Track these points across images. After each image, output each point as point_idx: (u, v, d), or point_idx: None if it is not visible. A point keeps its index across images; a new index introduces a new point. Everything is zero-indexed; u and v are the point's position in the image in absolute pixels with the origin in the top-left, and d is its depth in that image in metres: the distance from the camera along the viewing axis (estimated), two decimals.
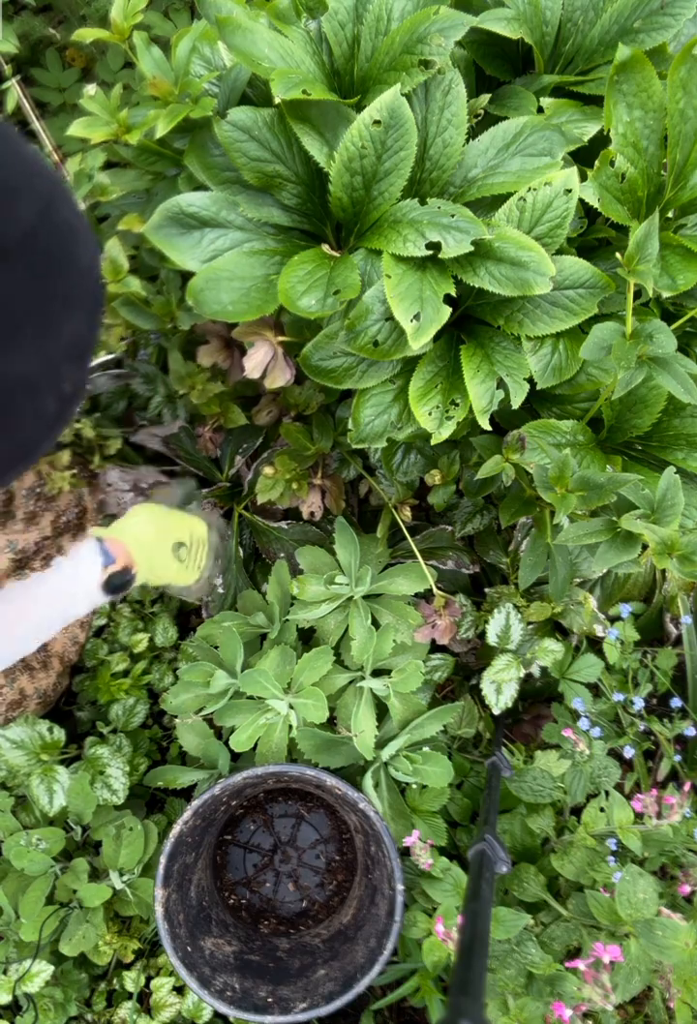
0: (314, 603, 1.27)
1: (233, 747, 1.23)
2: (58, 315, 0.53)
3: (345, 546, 1.29)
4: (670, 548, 0.94)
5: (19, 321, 0.49)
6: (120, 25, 1.00)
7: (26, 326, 0.50)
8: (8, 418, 0.50)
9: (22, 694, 1.34)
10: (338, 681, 1.28)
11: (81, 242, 0.55)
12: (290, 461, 1.28)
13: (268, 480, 1.28)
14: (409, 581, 1.29)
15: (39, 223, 0.51)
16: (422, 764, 1.25)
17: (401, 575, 1.30)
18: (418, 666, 1.25)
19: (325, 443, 1.29)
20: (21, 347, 0.50)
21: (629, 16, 1.03)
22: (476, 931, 0.82)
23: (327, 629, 1.30)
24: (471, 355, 0.98)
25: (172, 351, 1.26)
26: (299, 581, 1.27)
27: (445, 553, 1.36)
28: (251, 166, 0.96)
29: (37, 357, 0.51)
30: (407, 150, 0.93)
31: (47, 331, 0.52)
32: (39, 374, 0.52)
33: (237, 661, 1.26)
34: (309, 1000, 1.23)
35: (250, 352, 1.05)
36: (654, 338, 0.92)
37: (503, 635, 1.27)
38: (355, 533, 1.29)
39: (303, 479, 1.30)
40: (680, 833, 1.19)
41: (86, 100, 1.00)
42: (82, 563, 1.00)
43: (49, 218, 0.52)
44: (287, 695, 1.24)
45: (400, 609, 1.29)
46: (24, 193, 0.50)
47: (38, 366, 0.51)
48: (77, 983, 1.33)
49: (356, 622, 1.25)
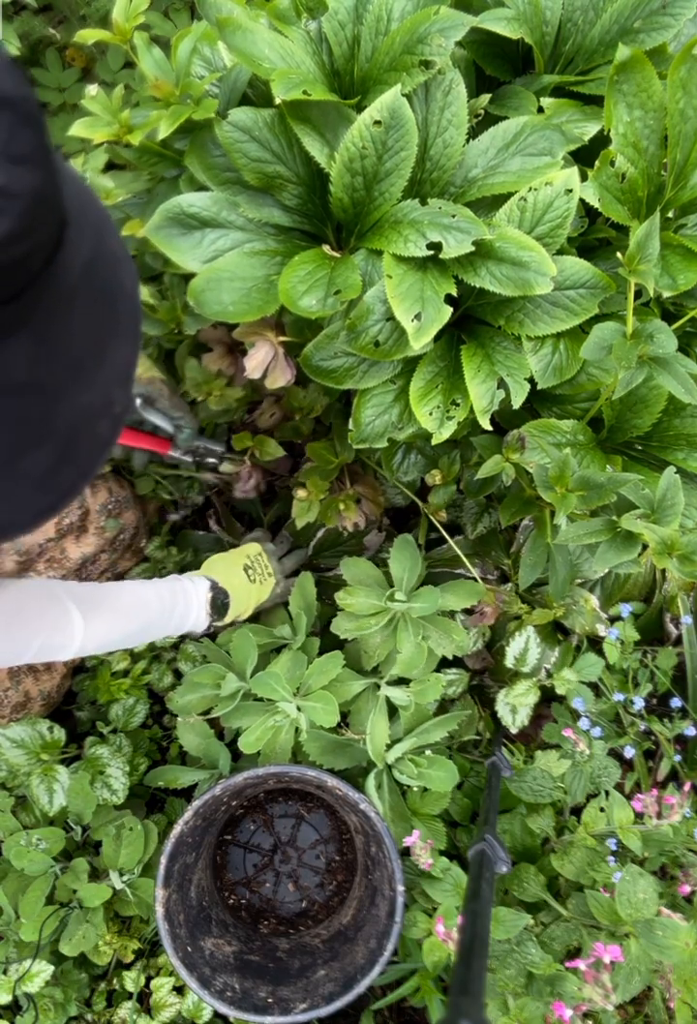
0: (364, 617, 1.24)
1: (242, 749, 1.22)
2: (110, 345, 0.54)
3: (402, 561, 1.25)
4: (670, 548, 0.94)
5: (82, 355, 0.50)
6: (122, 26, 0.99)
7: (87, 359, 0.51)
8: (72, 448, 0.52)
9: (27, 696, 1.34)
10: (354, 687, 1.27)
11: (125, 269, 0.56)
12: (321, 480, 1.26)
13: (303, 503, 1.27)
14: (457, 598, 1.27)
15: (94, 256, 0.51)
16: (426, 768, 1.24)
17: (450, 592, 1.28)
18: (439, 679, 1.25)
19: (348, 453, 1.28)
20: (84, 384, 0.51)
21: (629, 16, 1.03)
22: (476, 931, 0.82)
23: (373, 643, 1.28)
24: (472, 355, 0.98)
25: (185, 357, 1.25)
26: (347, 592, 1.24)
27: (472, 560, 1.35)
28: (252, 167, 0.96)
29: (95, 387, 0.52)
30: (408, 150, 0.93)
31: (102, 361, 0.53)
32: (98, 405, 0.53)
33: (249, 665, 1.26)
34: (309, 1000, 1.23)
35: (251, 352, 1.05)
36: (655, 338, 0.93)
37: (520, 658, 1.28)
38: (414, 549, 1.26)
39: (348, 499, 1.29)
40: (680, 833, 1.19)
41: (87, 100, 1.00)
42: (195, 582, 1.18)
43: (101, 249, 0.52)
44: (296, 698, 1.23)
45: (445, 625, 1.27)
46: (83, 225, 0.50)
47: (96, 395, 0.53)
48: (77, 983, 1.33)
49: (405, 637, 1.23)
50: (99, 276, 0.52)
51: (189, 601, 1.16)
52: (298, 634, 1.30)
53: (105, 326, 0.53)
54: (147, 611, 1.10)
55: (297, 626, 1.31)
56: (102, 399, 0.53)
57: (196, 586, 1.18)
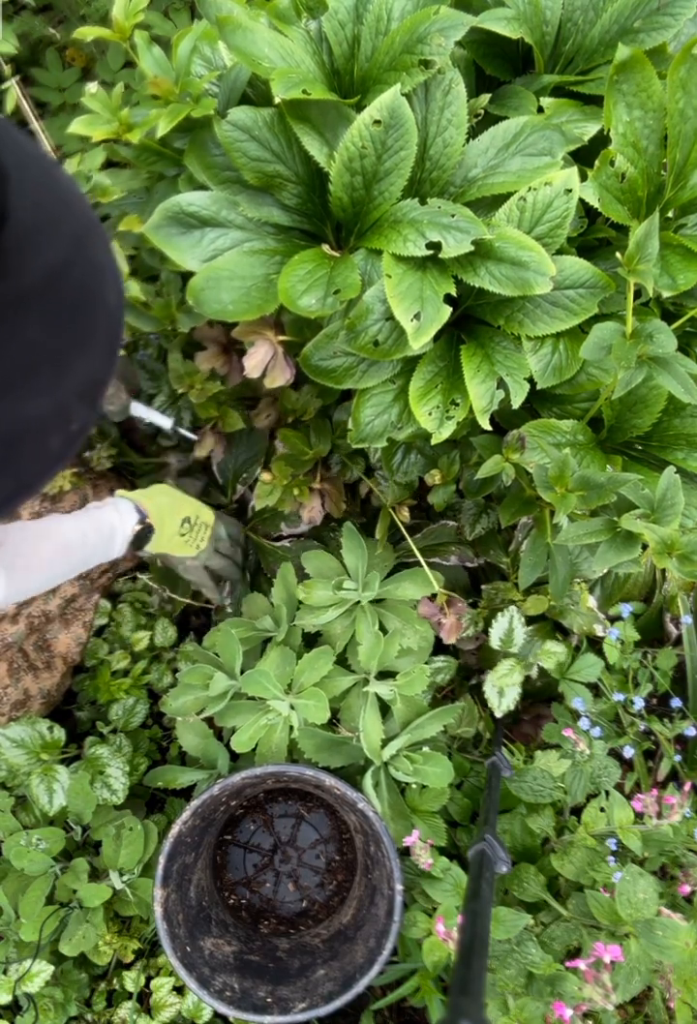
0: (321, 608, 1.26)
1: (234, 748, 1.22)
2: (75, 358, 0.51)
3: (352, 551, 1.27)
4: (670, 548, 0.94)
5: (33, 367, 0.48)
6: (122, 24, 0.99)
7: (41, 371, 0.49)
8: (11, 460, 0.49)
9: (26, 694, 1.34)
10: (343, 684, 1.28)
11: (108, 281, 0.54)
12: (287, 467, 1.27)
13: (266, 486, 1.28)
14: (415, 585, 1.29)
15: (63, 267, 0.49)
16: (422, 764, 1.24)
17: (407, 579, 1.29)
18: (424, 670, 1.25)
19: (323, 447, 1.29)
20: (34, 391, 0.49)
21: (629, 16, 1.03)
22: (476, 931, 0.82)
23: (334, 634, 1.30)
24: (471, 355, 0.98)
25: (172, 351, 1.26)
26: (305, 586, 1.26)
27: (447, 549, 1.36)
28: (251, 166, 0.96)
29: (49, 400, 0.50)
30: (407, 150, 0.93)
31: (61, 374, 0.50)
32: (49, 416, 0.50)
33: (236, 663, 1.26)
34: (308, 1000, 1.23)
35: (250, 351, 1.05)
36: (654, 338, 0.92)
37: (506, 638, 1.27)
38: (362, 538, 1.28)
39: (303, 484, 1.30)
40: (680, 833, 1.19)
41: (87, 98, 1.00)
42: (123, 513, 1.12)
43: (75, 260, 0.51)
44: (288, 696, 1.23)
45: (406, 613, 1.28)
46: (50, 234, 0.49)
47: (49, 409, 0.50)
48: (77, 983, 1.33)
49: (363, 627, 1.25)
50: (70, 286, 0.50)
51: (114, 536, 1.11)
52: (281, 625, 1.31)
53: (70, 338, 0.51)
54: (68, 557, 1.05)
55: (278, 617, 1.32)
56: (55, 412, 0.51)
57: (123, 518, 1.12)
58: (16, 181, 0.46)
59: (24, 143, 0.53)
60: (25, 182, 0.48)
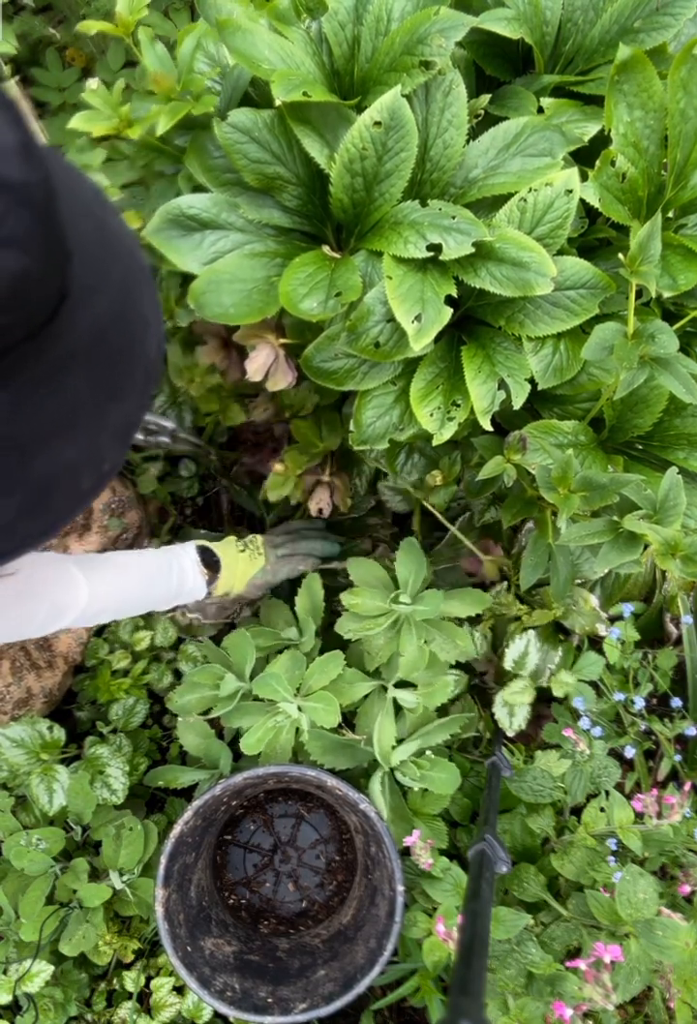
0: (369, 618, 1.24)
1: (244, 750, 1.22)
2: (112, 406, 0.52)
3: (408, 564, 1.25)
4: (673, 548, 0.94)
5: (73, 418, 0.49)
6: (125, 19, 0.99)
7: (80, 421, 0.50)
8: (45, 499, 0.51)
9: (29, 693, 1.34)
10: (362, 689, 1.27)
11: (151, 332, 0.55)
12: (300, 456, 1.27)
13: (279, 477, 1.27)
14: (464, 605, 1.27)
15: (110, 322, 0.50)
16: (429, 770, 1.24)
17: (457, 599, 1.28)
18: (446, 683, 1.25)
19: (333, 440, 1.29)
20: (71, 440, 0.50)
21: (629, 16, 1.03)
22: (476, 931, 0.82)
23: (376, 644, 1.27)
24: (472, 356, 0.98)
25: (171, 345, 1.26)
26: (353, 594, 1.24)
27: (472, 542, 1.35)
28: (252, 168, 0.96)
29: (84, 445, 0.51)
30: (408, 151, 0.93)
31: (98, 422, 0.51)
32: (83, 460, 0.52)
33: (247, 666, 1.26)
34: (309, 1000, 1.23)
35: (252, 355, 1.05)
36: (656, 338, 0.92)
37: (519, 661, 1.28)
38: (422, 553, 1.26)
39: (312, 476, 1.30)
40: (680, 833, 1.19)
41: (88, 94, 1.00)
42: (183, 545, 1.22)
43: (122, 312, 0.51)
44: (297, 698, 1.23)
45: (450, 629, 1.27)
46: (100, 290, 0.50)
47: (84, 453, 0.51)
48: (77, 983, 1.33)
49: (408, 640, 1.22)
50: (116, 339, 0.51)
51: (183, 565, 1.19)
52: (305, 635, 1.30)
53: (110, 387, 0.52)
54: (148, 573, 1.13)
55: (304, 628, 1.31)
56: (90, 455, 0.52)
57: (185, 549, 1.21)
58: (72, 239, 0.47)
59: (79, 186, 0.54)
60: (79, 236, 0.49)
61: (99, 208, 0.54)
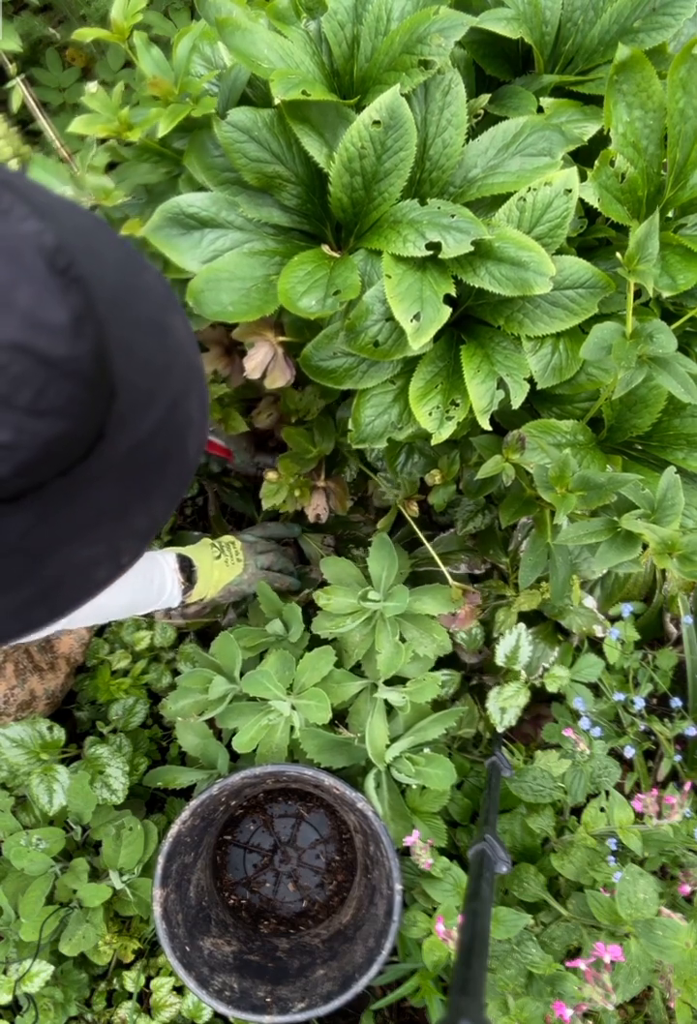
0: (340, 616, 1.25)
1: (236, 748, 1.22)
2: (138, 510, 0.51)
3: (380, 560, 1.25)
4: (671, 548, 0.94)
5: (95, 523, 0.48)
6: (120, 24, 0.99)
7: (102, 524, 0.49)
8: (55, 591, 0.49)
9: (32, 695, 1.34)
10: (351, 689, 1.27)
11: (193, 435, 0.53)
12: (293, 464, 1.27)
13: (272, 485, 1.27)
14: (436, 602, 1.27)
15: (149, 437, 0.49)
16: (424, 766, 1.24)
17: (428, 595, 1.28)
18: (435, 679, 1.25)
19: (327, 445, 1.29)
20: (91, 541, 0.49)
21: (629, 16, 1.03)
22: (476, 931, 0.82)
23: (352, 642, 1.28)
24: (471, 355, 0.98)
25: None
26: (326, 592, 1.25)
27: (457, 556, 1.35)
28: (251, 167, 0.96)
29: (104, 547, 0.50)
30: (407, 150, 0.93)
31: (122, 525, 0.50)
32: (100, 556, 0.50)
33: (236, 667, 1.26)
34: (307, 1000, 1.23)
35: (250, 353, 1.05)
36: (654, 338, 0.92)
37: (511, 655, 1.27)
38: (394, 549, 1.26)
39: (305, 485, 1.29)
40: (680, 833, 1.19)
41: (87, 97, 1.00)
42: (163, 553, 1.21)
43: (167, 423, 0.50)
44: (289, 696, 1.23)
45: (425, 624, 1.27)
46: (158, 397, 0.48)
47: (102, 551, 0.50)
48: (77, 983, 1.33)
49: (383, 637, 1.23)
50: (156, 448, 0.49)
51: (163, 573, 1.18)
52: (291, 629, 1.30)
53: (140, 493, 0.50)
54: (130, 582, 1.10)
55: (289, 621, 1.31)
56: (108, 551, 0.50)
57: (164, 555, 1.21)
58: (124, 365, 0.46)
59: (146, 290, 0.52)
60: (134, 356, 0.47)
61: (161, 311, 0.52)
